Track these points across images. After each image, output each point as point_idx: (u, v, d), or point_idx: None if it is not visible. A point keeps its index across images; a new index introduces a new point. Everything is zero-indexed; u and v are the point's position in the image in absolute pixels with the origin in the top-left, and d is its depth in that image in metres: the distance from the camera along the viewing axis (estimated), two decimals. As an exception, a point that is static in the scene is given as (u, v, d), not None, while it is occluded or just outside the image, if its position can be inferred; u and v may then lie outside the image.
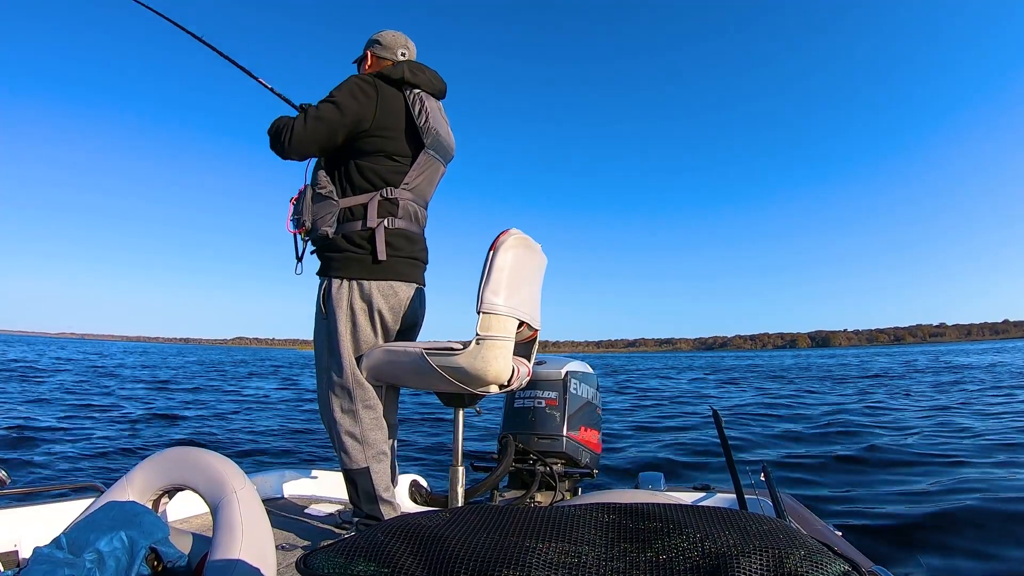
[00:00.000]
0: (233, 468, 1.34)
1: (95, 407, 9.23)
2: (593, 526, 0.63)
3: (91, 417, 8.09)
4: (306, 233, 2.03)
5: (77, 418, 7.94)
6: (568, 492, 2.46)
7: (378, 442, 1.98)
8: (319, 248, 2.05)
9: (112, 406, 9.45)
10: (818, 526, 2.02)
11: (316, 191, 2.00)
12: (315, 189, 2.00)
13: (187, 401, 11.16)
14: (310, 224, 1.98)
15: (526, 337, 2.08)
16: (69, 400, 10.16)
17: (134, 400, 10.70)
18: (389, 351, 1.94)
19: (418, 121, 1.99)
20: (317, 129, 1.92)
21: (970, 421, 7.58)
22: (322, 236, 1.98)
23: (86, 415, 8.35)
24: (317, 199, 1.99)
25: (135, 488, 1.36)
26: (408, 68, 2.05)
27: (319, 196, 1.99)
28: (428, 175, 2.08)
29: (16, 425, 6.98)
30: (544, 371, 2.52)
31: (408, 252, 2.03)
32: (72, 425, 7.20)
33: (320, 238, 2.00)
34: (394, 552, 0.57)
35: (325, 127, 1.92)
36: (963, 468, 4.92)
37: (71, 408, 8.99)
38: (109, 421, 7.83)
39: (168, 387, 14.45)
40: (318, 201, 1.99)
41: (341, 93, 1.94)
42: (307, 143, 1.94)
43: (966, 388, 13.14)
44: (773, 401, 11.60)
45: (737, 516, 0.63)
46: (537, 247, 2.00)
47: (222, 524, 1.21)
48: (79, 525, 1.20)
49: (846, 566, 0.53)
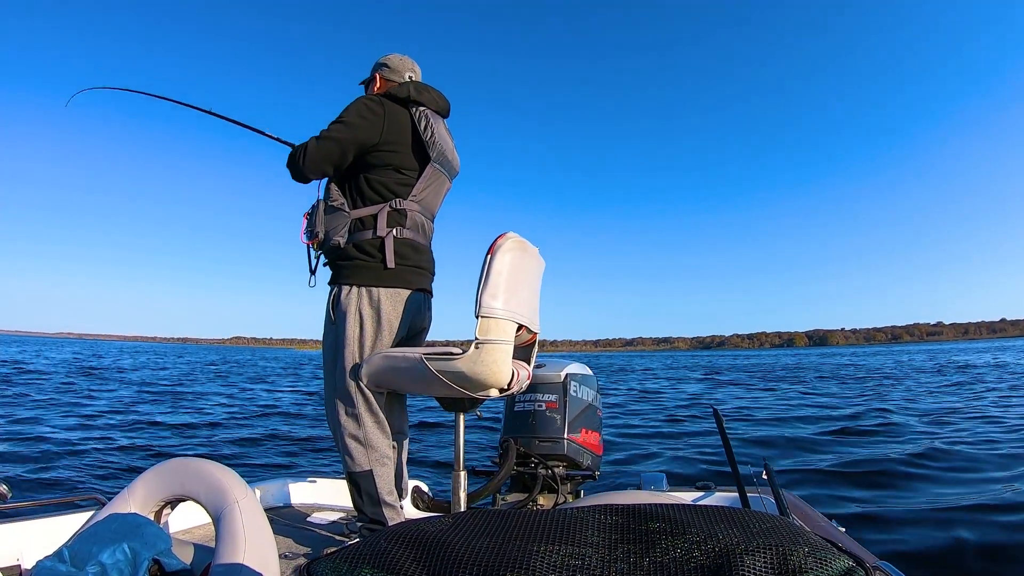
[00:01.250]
0: (234, 478, 1.34)
1: (95, 413, 9.18)
2: (596, 528, 0.63)
3: (88, 425, 8.05)
4: (319, 244, 2.11)
5: (76, 429, 7.89)
6: (570, 494, 2.46)
7: (381, 446, 2.02)
8: (331, 258, 2.12)
9: (111, 411, 9.40)
10: (822, 523, 2.02)
11: (328, 204, 2.08)
12: (327, 202, 2.09)
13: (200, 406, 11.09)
14: (323, 235, 2.06)
15: (525, 340, 2.09)
16: (66, 401, 10.11)
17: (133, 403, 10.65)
18: (388, 357, 1.94)
19: (424, 136, 2.08)
20: (329, 148, 2.02)
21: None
22: (334, 246, 2.05)
23: (83, 422, 8.30)
24: (329, 211, 2.07)
25: (137, 499, 1.36)
26: (414, 87, 2.15)
27: (331, 208, 2.07)
28: (434, 188, 2.17)
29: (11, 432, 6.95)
30: (544, 374, 2.52)
31: (415, 261, 2.10)
32: (73, 436, 7.16)
33: (333, 248, 2.07)
34: (397, 559, 0.57)
35: (336, 146, 2.02)
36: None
37: (67, 411, 8.94)
38: (108, 427, 7.80)
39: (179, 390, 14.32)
40: (330, 213, 2.07)
41: (349, 113, 2.04)
42: (321, 162, 2.04)
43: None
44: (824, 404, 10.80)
45: (740, 514, 0.63)
46: (534, 250, 2.00)
47: (224, 534, 1.20)
48: (81, 537, 1.19)
49: (851, 562, 0.52)
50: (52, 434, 7.11)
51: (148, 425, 8.44)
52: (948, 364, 26.03)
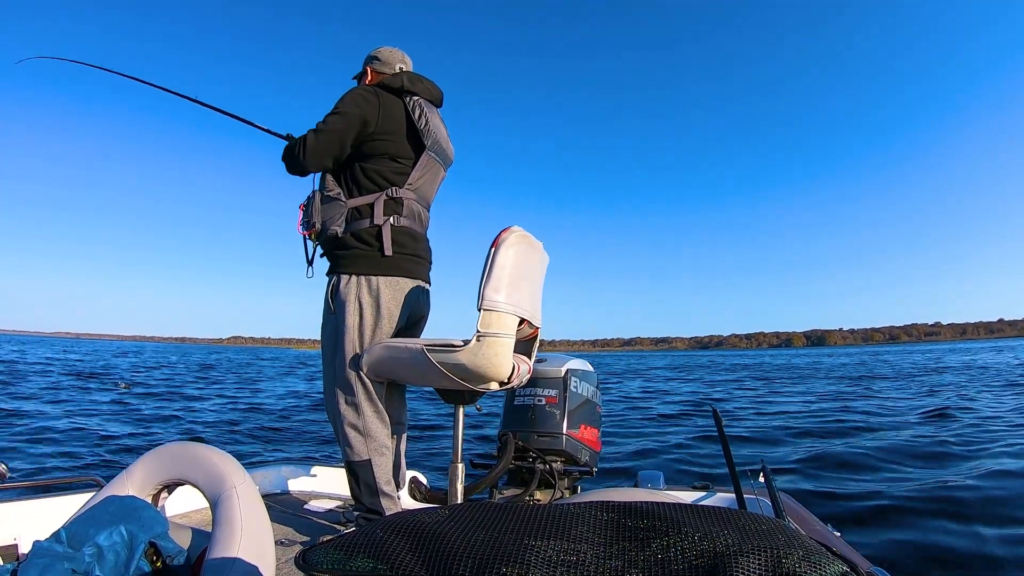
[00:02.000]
0: (233, 463, 1.35)
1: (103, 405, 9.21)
2: (592, 524, 0.63)
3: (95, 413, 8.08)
4: (316, 235, 2.11)
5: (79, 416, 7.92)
6: (567, 490, 2.46)
7: (380, 435, 2.03)
8: (328, 248, 2.12)
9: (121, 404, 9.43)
10: (817, 527, 2.03)
11: (324, 194, 2.09)
12: (323, 192, 2.09)
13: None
14: (320, 225, 2.07)
15: (527, 335, 2.09)
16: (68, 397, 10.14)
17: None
18: (390, 347, 1.94)
19: (418, 124, 2.08)
20: (328, 140, 2.02)
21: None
22: (332, 236, 2.05)
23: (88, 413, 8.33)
24: (326, 201, 2.08)
25: (135, 483, 1.36)
26: (407, 77, 2.16)
27: (328, 198, 2.07)
28: (430, 176, 2.17)
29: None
30: (544, 369, 2.52)
31: (412, 250, 2.10)
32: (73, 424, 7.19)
33: (330, 238, 2.07)
34: (393, 548, 0.57)
35: (335, 137, 2.02)
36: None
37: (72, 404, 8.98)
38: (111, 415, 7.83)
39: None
40: (327, 203, 2.07)
41: (345, 103, 2.04)
42: (320, 154, 2.04)
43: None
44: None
45: (736, 516, 0.63)
46: (539, 245, 2.00)
47: (221, 519, 1.21)
48: (79, 519, 1.20)
49: (844, 567, 0.52)
50: (47, 422, 7.11)
51: (143, 420, 8.46)
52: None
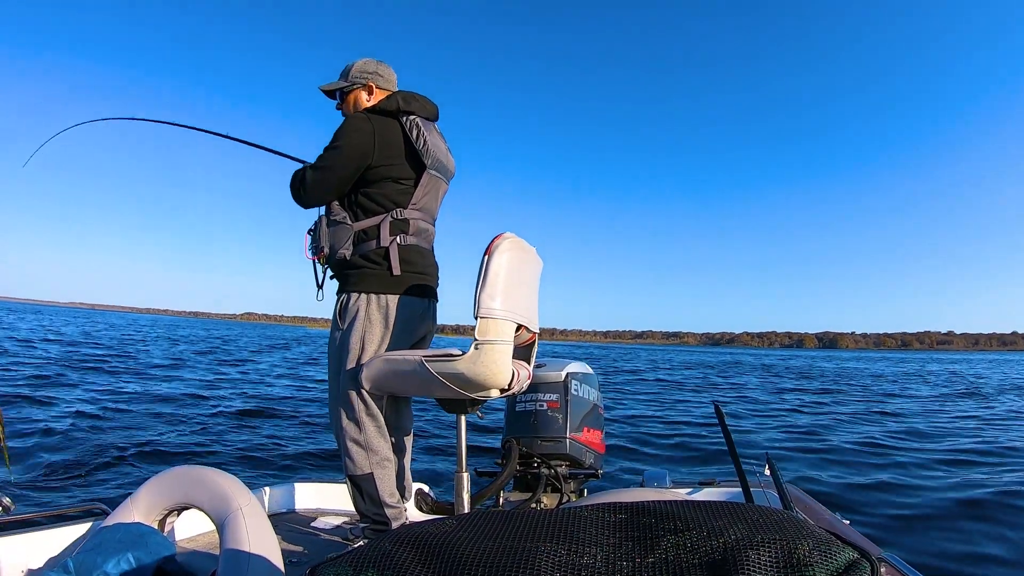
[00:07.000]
0: (237, 485, 1.34)
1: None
2: (601, 526, 0.63)
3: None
4: (325, 259, 2.14)
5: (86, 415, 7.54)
6: (574, 493, 2.46)
7: (382, 449, 2.04)
8: (338, 270, 2.16)
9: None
10: (826, 516, 2.03)
11: (330, 219, 2.12)
12: (329, 217, 2.12)
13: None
14: (328, 249, 2.09)
15: (525, 340, 2.09)
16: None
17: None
18: (388, 360, 1.94)
19: (416, 144, 2.10)
20: (326, 178, 2.06)
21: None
22: (340, 259, 2.08)
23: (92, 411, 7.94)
24: (332, 225, 2.10)
25: (140, 509, 1.36)
26: (402, 98, 2.17)
27: (334, 223, 2.10)
28: (433, 193, 2.20)
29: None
30: (544, 373, 2.52)
31: (420, 267, 2.14)
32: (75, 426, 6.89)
33: (339, 261, 2.10)
34: (402, 561, 0.57)
35: (332, 174, 2.05)
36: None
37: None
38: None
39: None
40: (333, 227, 2.10)
41: (342, 137, 2.06)
42: (320, 191, 2.08)
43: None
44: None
45: (744, 509, 0.63)
46: (532, 250, 2.01)
47: (228, 541, 1.20)
48: (86, 548, 1.19)
49: (855, 554, 0.53)
50: (53, 422, 6.80)
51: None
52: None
